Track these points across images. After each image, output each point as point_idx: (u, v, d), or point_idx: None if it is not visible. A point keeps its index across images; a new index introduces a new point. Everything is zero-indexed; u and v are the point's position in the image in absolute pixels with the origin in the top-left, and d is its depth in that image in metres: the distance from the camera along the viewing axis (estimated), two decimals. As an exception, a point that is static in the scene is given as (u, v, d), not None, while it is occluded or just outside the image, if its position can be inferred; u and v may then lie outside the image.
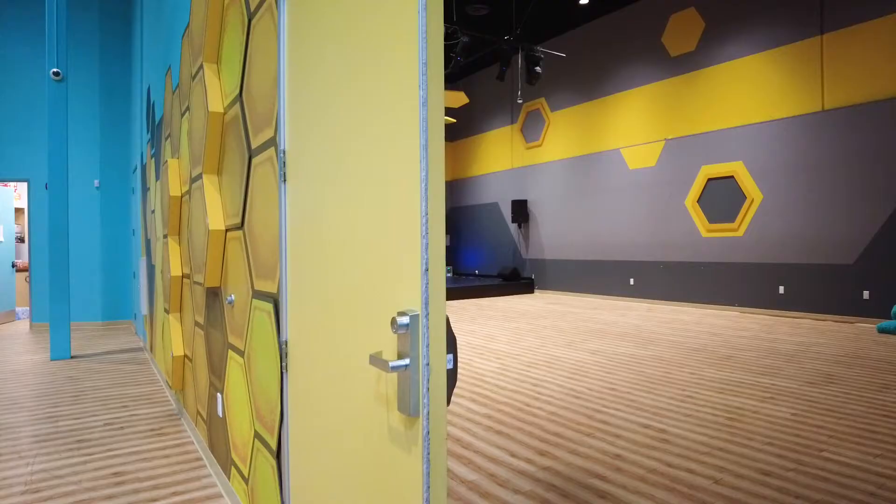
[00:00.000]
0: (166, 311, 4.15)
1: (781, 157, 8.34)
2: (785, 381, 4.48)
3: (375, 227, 1.17)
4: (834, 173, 7.75)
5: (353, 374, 1.28)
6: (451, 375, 1.05)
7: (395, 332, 1.02)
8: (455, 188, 15.75)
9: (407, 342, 1.02)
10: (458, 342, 6.49)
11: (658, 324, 7.78)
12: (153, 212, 5.16)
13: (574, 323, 7.97)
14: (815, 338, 6.50)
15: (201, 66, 2.69)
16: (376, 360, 1.06)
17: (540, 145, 12.76)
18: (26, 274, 10.30)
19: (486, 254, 14.52)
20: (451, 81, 15.34)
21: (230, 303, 2.36)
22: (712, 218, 9.27)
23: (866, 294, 7.43)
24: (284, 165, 1.71)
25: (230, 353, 2.45)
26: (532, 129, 13.01)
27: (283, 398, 1.76)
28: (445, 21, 9.14)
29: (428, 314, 1.00)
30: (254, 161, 2.06)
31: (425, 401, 1.00)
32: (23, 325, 8.81)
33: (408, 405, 1.02)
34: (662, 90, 10.08)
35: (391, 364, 1.01)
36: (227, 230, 2.46)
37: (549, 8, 11.10)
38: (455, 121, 13.67)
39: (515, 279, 12.92)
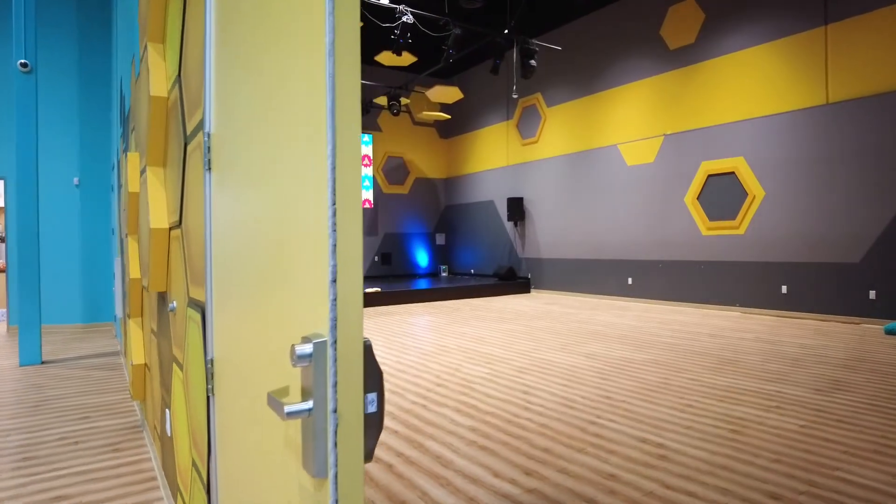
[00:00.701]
0: (128, 316, 3.88)
1: (784, 153, 8.07)
2: (791, 387, 4.22)
3: (283, 223, 0.90)
4: (838, 169, 7.49)
5: (264, 411, 1.01)
6: (374, 422, 0.79)
7: (294, 366, 0.75)
8: (450, 186, 15.48)
9: (311, 379, 0.76)
10: (449, 345, 6.22)
11: (657, 325, 7.52)
12: (124, 210, 4.89)
13: (570, 324, 7.71)
14: (820, 340, 6.23)
15: (146, 48, 2.42)
16: (274, 401, 0.79)
17: (536, 142, 12.49)
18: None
19: (481, 253, 14.25)
20: (446, 77, 15.06)
21: (171, 310, 2.10)
22: (713, 215, 9.01)
23: (873, 294, 7.17)
24: (210, 151, 1.44)
25: (174, 366, 2.18)
26: (528, 125, 12.74)
27: (210, 426, 1.49)
28: (436, 13, 8.87)
29: (336, 341, 0.73)
30: (188, 147, 1.79)
31: (332, 459, 0.73)
32: (1, 328, 8.54)
33: (311, 463, 0.75)
34: (661, 84, 9.81)
35: (286, 409, 0.74)
36: (170, 228, 2.19)
37: (545, 0, 10.82)
38: (449, 117, 13.38)
39: (511, 279, 12.66)
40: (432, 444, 3.15)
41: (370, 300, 10.24)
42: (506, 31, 9.29)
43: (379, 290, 10.63)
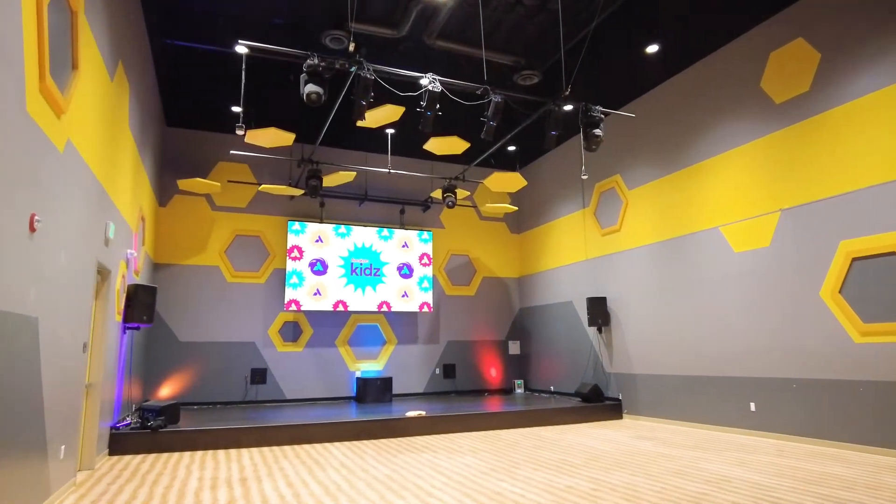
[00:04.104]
0: None
1: (974, 221, 5.51)
2: None
3: None
4: None
5: None
6: None
7: None
8: (524, 285, 13.56)
9: None
10: (457, 520, 4.12)
11: (800, 486, 4.90)
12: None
13: (662, 480, 5.28)
14: None
15: None
16: None
17: (618, 230, 10.46)
18: None
19: (562, 365, 11.91)
20: (513, 166, 13.61)
21: None
22: (868, 315, 6.36)
23: None
24: None
25: None
26: (607, 212, 10.81)
27: None
28: (474, 81, 7.59)
29: None
30: None
31: None
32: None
33: None
34: (769, 147, 7.65)
35: None
36: None
37: (615, 66, 9.30)
38: (516, 208, 11.81)
39: (598, 400, 10.17)
40: None
41: (408, 428, 8.30)
42: (564, 97, 7.74)
43: (423, 413, 8.68)
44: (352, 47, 6.59)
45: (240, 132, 7.20)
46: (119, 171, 6.72)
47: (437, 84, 6.84)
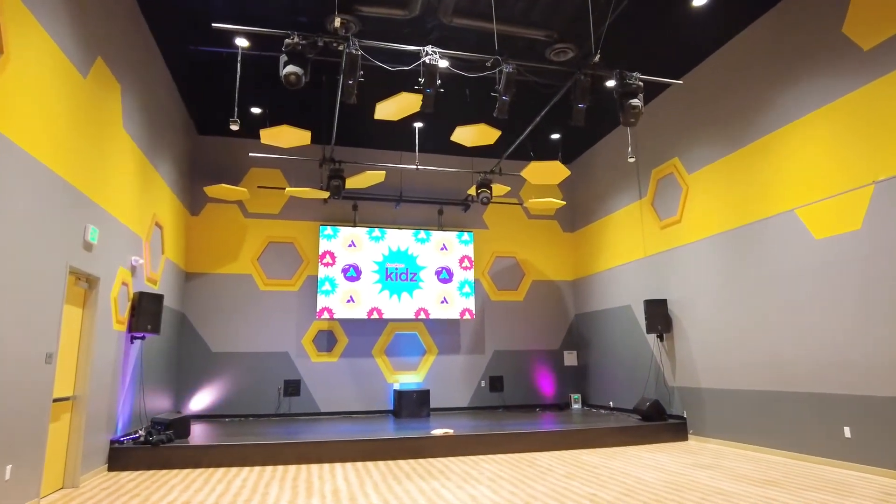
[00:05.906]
0: None
1: None
2: None
3: None
4: None
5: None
6: None
7: None
8: (579, 289, 12.28)
9: None
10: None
11: (898, 549, 3.55)
12: None
13: (702, 528, 4.08)
14: None
15: None
16: None
17: (678, 221, 9.07)
18: None
19: (622, 378, 10.55)
20: (564, 159, 12.43)
21: None
22: None
23: None
24: None
25: None
26: (666, 202, 9.43)
27: None
28: (484, 52, 6.67)
29: None
30: None
31: None
32: None
33: None
34: (857, 105, 6.13)
35: None
36: None
37: (665, 34, 8.03)
38: (564, 203, 10.64)
39: (659, 418, 8.79)
40: None
41: (432, 448, 7.42)
42: (592, 64, 6.67)
43: (450, 431, 7.78)
44: (337, 22, 5.93)
45: (234, 127, 6.72)
46: (108, 174, 6.40)
47: (436, 57, 6.00)
